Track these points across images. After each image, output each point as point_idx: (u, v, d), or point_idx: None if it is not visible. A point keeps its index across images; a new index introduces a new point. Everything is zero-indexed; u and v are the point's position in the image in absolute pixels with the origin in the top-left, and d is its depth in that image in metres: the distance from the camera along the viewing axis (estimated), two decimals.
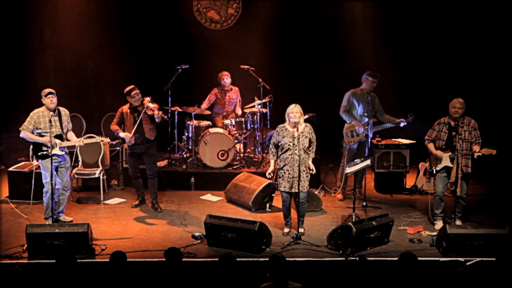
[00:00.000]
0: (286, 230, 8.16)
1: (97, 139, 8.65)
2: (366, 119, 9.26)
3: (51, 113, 8.08)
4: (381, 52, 11.80)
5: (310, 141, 7.90)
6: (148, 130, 8.88)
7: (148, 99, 8.85)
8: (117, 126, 8.94)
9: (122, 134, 8.89)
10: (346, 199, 9.47)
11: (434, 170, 8.21)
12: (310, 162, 7.94)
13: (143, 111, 8.77)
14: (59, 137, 8.21)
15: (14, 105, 11.30)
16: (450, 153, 8.05)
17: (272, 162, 8.07)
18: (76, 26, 11.83)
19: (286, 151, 7.83)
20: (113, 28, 11.84)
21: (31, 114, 8.17)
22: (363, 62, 11.60)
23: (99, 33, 11.87)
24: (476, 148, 7.97)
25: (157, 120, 8.81)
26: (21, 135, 8.18)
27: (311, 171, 7.96)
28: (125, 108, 8.91)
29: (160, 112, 8.83)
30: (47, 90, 8.19)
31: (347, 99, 9.32)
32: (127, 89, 8.85)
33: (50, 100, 8.13)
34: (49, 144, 8.00)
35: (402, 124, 9.17)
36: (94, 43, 11.95)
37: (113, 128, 8.97)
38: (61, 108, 8.30)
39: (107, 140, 8.79)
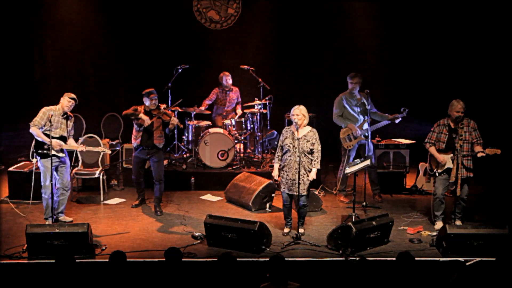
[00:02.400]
0: (286, 230, 8.15)
1: (99, 149, 8.62)
2: (362, 119, 9.25)
3: (51, 112, 8.05)
4: (381, 51, 11.81)
5: (312, 147, 7.81)
6: (157, 137, 8.78)
7: (164, 106, 8.82)
8: (132, 110, 8.68)
9: (142, 115, 8.65)
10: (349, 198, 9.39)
11: (436, 172, 8.20)
12: (314, 172, 7.82)
13: (158, 116, 8.68)
14: (63, 139, 8.22)
15: (14, 105, 11.31)
16: (452, 155, 8.04)
17: (276, 166, 7.96)
18: (76, 26, 11.84)
19: (286, 152, 7.83)
20: (113, 28, 11.85)
21: (43, 110, 8.13)
22: (363, 62, 11.63)
23: (99, 33, 11.88)
24: (478, 148, 7.95)
25: (170, 126, 8.69)
26: (30, 130, 8.13)
27: (309, 180, 7.84)
28: (140, 108, 8.77)
29: (176, 120, 8.73)
30: (73, 95, 8.17)
31: (338, 105, 9.28)
32: (147, 90, 8.73)
33: (69, 106, 8.15)
34: (50, 147, 7.98)
35: (397, 120, 9.15)
36: (94, 43, 11.97)
37: (127, 112, 8.70)
38: (70, 113, 8.29)
39: (109, 151, 8.83)
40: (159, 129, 8.79)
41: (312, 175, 7.83)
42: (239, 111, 10.95)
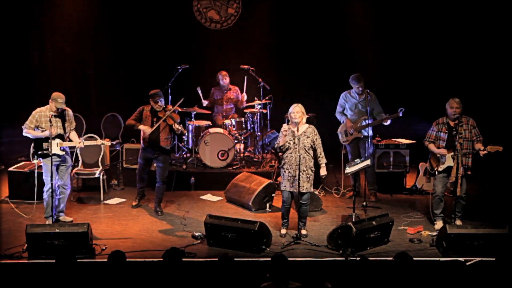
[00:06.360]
0: (283, 231, 8.11)
1: (98, 141, 8.57)
2: (358, 117, 9.30)
3: (51, 113, 8.05)
4: (380, 51, 11.80)
5: (313, 143, 7.86)
6: (164, 139, 8.72)
7: (170, 107, 8.76)
8: (134, 121, 8.74)
9: (141, 127, 8.67)
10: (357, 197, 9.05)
11: (437, 171, 8.18)
12: (324, 167, 7.95)
13: (163, 119, 8.62)
14: (61, 137, 8.19)
15: (15, 104, 11.29)
16: (452, 153, 8.04)
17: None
18: (76, 25, 11.83)
19: (287, 149, 7.84)
20: (113, 28, 11.85)
21: (33, 113, 8.14)
22: (363, 62, 11.62)
23: (99, 33, 11.88)
24: (479, 146, 7.94)
25: (176, 132, 8.73)
26: (24, 133, 8.17)
27: (322, 177, 8.02)
28: (147, 108, 8.75)
29: (180, 126, 8.68)
30: (61, 99, 8.06)
31: (339, 102, 9.53)
32: (152, 92, 8.69)
33: (57, 108, 8.11)
34: (49, 140, 7.95)
35: (389, 121, 9.17)
36: (94, 43, 11.96)
37: (129, 123, 8.78)
38: (66, 108, 8.24)
39: (108, 143, 8.71)
40: (166, 131, 8.72)
41: (324, 171, 7.96)
42: (241, 106, 10.85)
